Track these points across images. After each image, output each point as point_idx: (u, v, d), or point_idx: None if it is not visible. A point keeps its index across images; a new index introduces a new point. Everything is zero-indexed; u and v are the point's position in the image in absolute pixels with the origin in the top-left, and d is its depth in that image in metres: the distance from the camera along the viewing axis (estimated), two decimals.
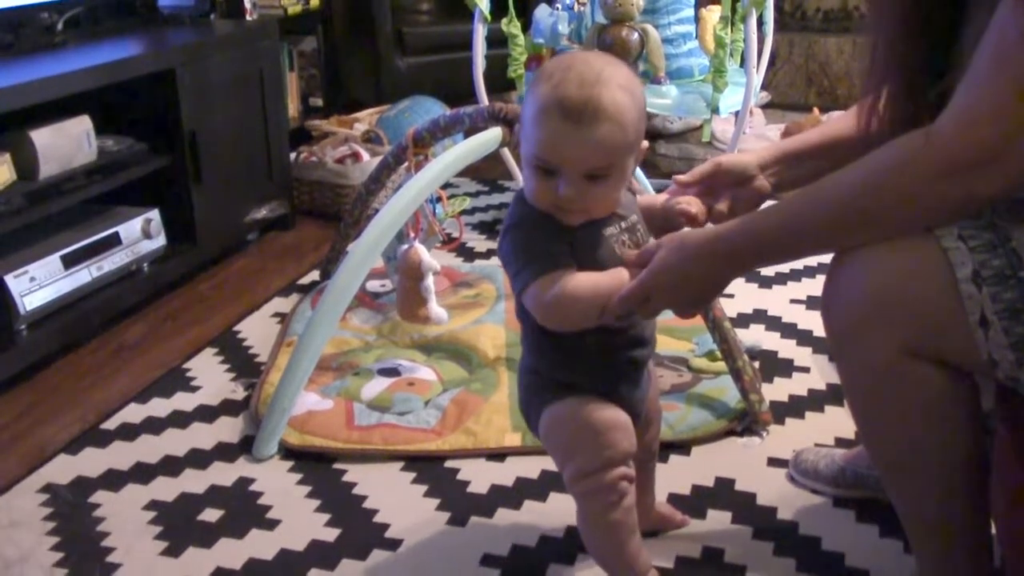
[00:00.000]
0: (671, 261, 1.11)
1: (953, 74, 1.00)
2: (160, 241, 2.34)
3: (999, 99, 0.94)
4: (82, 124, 2.14)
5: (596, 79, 1.11)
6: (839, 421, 1.74)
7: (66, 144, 2.10)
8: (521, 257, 1.16)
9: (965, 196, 0.98)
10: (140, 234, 2.28)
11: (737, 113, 2.72)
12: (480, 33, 2.72)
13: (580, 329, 1.18)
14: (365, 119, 3.26)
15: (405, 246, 1.91)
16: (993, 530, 1.16)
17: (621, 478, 1.22)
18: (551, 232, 1.16)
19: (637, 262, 1.14)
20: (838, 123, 1.31)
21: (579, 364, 1.22)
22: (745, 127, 2.78)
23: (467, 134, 1.93)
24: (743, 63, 2.70)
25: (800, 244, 1.10)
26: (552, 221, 1.16)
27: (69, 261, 2.09)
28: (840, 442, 1.67)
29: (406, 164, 2.01)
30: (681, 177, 1.29)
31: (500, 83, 2.79)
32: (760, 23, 2.75)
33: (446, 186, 2.02)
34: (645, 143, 1.19)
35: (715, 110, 2.61)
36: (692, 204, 1.24)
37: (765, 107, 3.65)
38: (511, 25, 2.64)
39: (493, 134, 1.92)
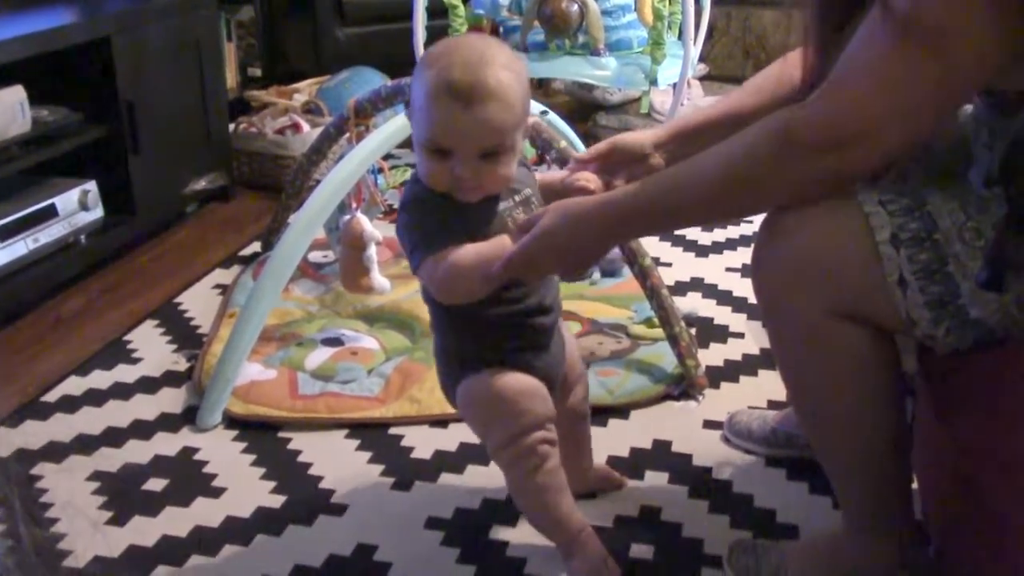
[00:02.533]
0: (554, 227, 1.13)
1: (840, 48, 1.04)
2: (98, 213, 2.31)
3: (871, 81, 0.98)
4: (15, 94, 2.10)
5: (480, 61, 1.14)
6: (771, 384, 1.80)
7: None
8: (415, 235, 1.20)
9: (836, 171, 1.02)
10: (77, 206, 2.25)
11: (675, 85, 2.76)
12: (420, 3, 2.72)
13: (479, 301, 1.21)
14: (305, 89, 3.24)
15: (347, 216, 1.92)
16: (915, 484, 1.22)
17: (540, 442, 1.26)
18: (445, 210, 1.19)
19: (523, 227, 1.17)
20: (731, 100, 1.36)
21: (484, 337, 1.26)
22: (683, 99, 2.82)
23: (407, 105, 1.94)
24: (681, 35, 2.73)
25: (679, 214, 1.14)
26: (446, 199, 1.19)
27: (4, 233, 2.06)
28: (772, 404, 1.73)
29: (347, 135, 2.02)
30: (579, 154, 1.34)
31: None
32: None
33: (387, 157, 2.03)
34: (532, 117, 1.24)
35: (653, 82, 2.65)
36: (590, 181, 1.28)
37: (703, 79, 3.69)
38: None
39: None
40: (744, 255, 2.37)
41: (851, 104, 0.99)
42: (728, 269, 2.32)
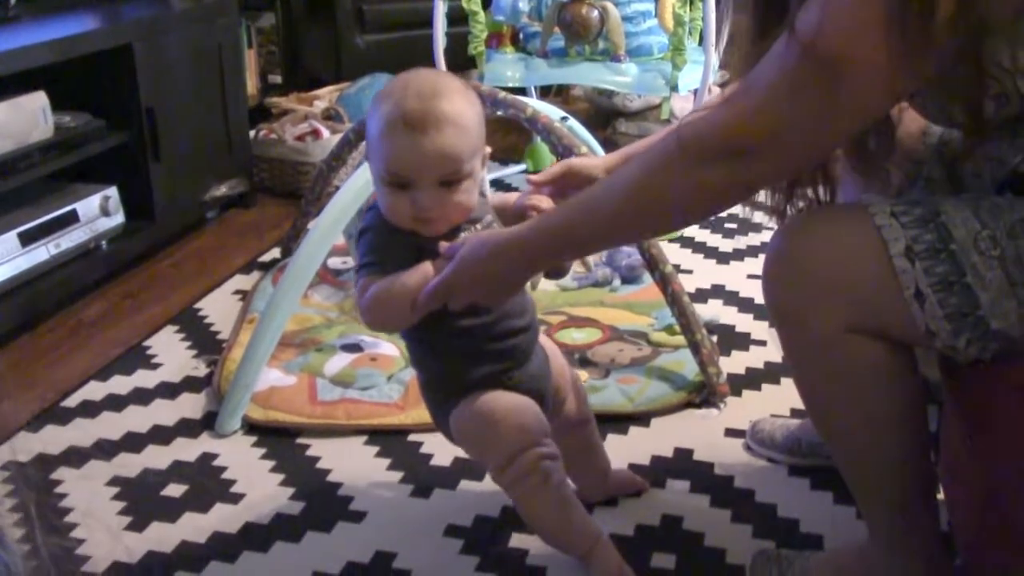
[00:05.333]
0: (471, 260, 1.14)
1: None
2: (119, 218, 2.32)
3: (763, 96, 0.98)
4: (38, 100, 2.12)
5: (433, 91, 1.16)
6: (793, 393, 1.74)
7: (22, 120, 2.08)
8: (361, 259, 1.21)
9: (734, 182, 1.02)
10: (98, 211, 2.26)
11: (696, 91, 2.74)
12: (440, 10, 2.72)
13: (444, 330, 1.22)
14: (325, 96, 3.24)
15: None
16: (940, 496, 1.20)
17: (539, 459, 1.24)
18: (400, 241, 1.20)
19: (446, 255, 1.17)
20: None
21: (460, 365, 1.26)
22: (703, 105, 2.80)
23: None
24: (702, 41, 2.72)
25: (594, 236, 1.14)
26: (407, 236, 1.20)
27: (26, 238, 2.07)
28: (795, 412, 1.71)
29: None
30: (534, 177, 1.34)
31: (461, 61, 2.79)
32: (718, 1, 2.77)
33: None
34: (488, 148, 1.25)
35: (674, 88, 2.63)
36: (543, 201, 1.28)
37: (722, 85, 3.68)
38: (471, 2, 2.64)
39: None
40: None
41: (739, 116, 0.99)
42: (750, 276, 2.29)
